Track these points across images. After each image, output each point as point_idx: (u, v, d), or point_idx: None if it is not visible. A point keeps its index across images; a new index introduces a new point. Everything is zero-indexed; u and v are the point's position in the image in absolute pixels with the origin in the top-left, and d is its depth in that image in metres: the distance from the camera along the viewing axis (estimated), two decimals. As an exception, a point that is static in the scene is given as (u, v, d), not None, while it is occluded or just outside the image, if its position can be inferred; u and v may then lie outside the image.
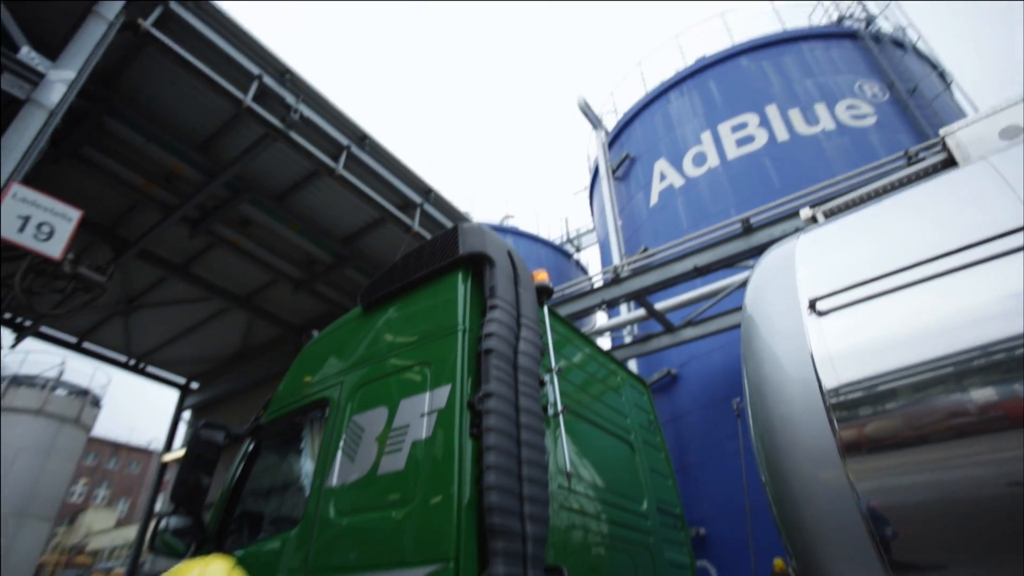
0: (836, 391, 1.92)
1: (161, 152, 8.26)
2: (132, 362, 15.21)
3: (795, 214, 7.14)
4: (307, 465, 3.29)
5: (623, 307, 10.91)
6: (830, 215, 2.95)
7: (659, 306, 9.71)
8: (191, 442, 3.34)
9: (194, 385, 16.51)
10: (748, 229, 7.71)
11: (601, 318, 11.94)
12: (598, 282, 10.08)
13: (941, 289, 1.86)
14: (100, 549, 35.75)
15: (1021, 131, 2.52)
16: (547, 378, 3.13)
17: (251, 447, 3.65)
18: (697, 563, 8.69)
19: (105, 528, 38.56)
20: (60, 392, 26.07)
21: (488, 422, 2.55)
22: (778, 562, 2.32)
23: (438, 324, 2.97)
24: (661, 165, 12.60)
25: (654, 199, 12.61)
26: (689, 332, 9.64)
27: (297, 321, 13.40)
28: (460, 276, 3.03)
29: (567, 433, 3.12)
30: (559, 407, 3.05)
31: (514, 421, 2.66)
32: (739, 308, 8.38)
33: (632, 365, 12.40)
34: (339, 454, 2.95)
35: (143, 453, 49.18)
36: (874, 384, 1.87)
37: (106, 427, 43.58)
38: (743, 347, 2.38)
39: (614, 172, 14.55)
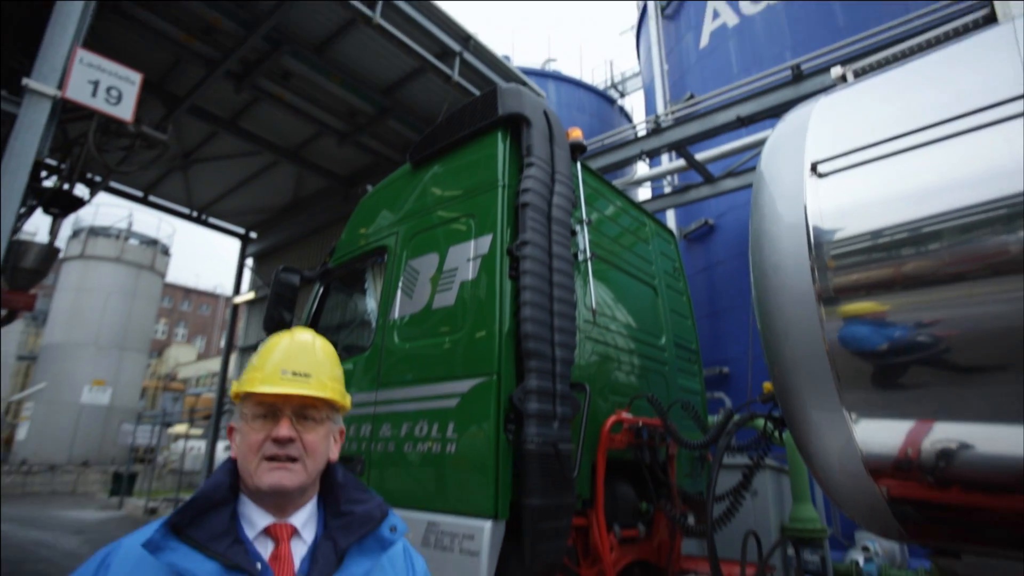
0: (819, 246, 2.24)
1: (196, 3, 8.21)
2: (195, 214, 16.20)
3: (851, 59, 6.80)
4: (371, 302, 3.88)
5: (664, 157, 10.83)
6: (860, 75, 3.00)
7: (700, 156, 9.65)
8: (273, 284, 3.95)
9: (253, 235, 17.61)
10: (798, 76, 7.40)
11: (641, 168, 11.91)
12: (641, 130, 9.98)
13: (929, 155, 2.06)
14: (188, 378, 40.68)
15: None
16: (578, 228, 3.51)
17: (321, 288, 4.26)
18: (715, 394, 9.60)
19: (188, 361, 43.55)
20: (132, 242, 28.14)
21: (524, 266, 2.99)
22: (767, 385, 2.78)
23: (480, 180, 3.31)
24: (715, 2, 11.65)
25: (704, 40, 11.85)
26: (729, 183, 9.66)
27: (344, 172, 13.84)
28: (499, 136, 3.30)
29: (594, 277, 3.56)
30: (588, 254, 3.46)
31: (547, 265, 3.10)
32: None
33: (670, 215, 12.58)
34: (399, 293, 3.49)
35: (211, 297, 53.56)
36: (849, 243, 2.17)
37: (176, 274, 47.34)
38: (752, 203, 2.66)
39: (663, 10, 13.53)
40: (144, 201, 15.16)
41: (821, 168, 2.34)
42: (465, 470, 2.78)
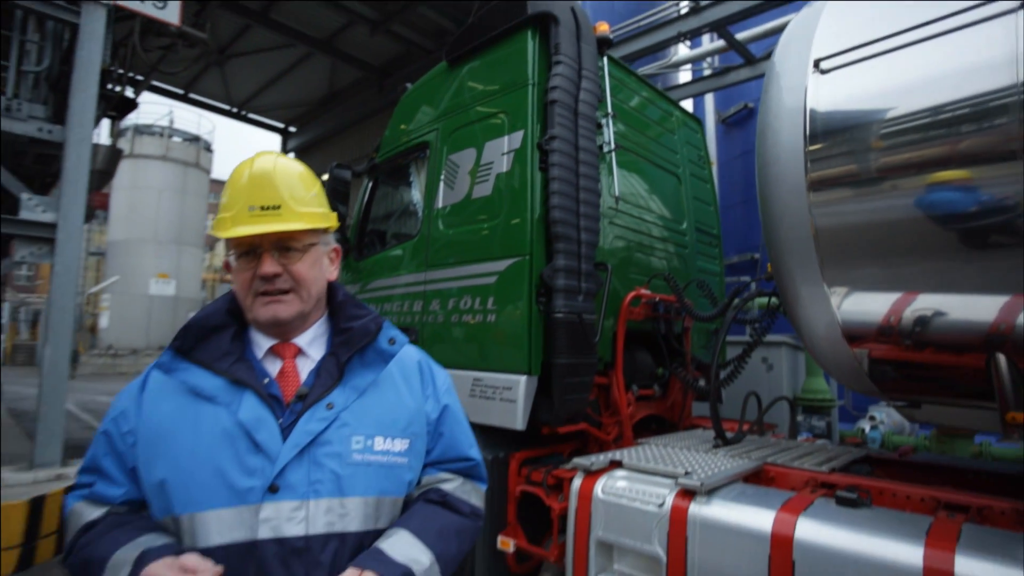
0: (813, 138, 2.48)
1: None
2: (235, 110, 16.49)
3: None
4: (416, 194, 4.29)
5: (704, 38, 10.37)
6: None
7: (740, 36, 9.25)
8: (328, 179, 4.38)
9: (292, 129, 17.89)
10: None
11: (681, 50, 11.44)
12: (683, 7, 9.55)
13: (920, 53, 2.24)
14: (241, 270, 42.94)
15: None
16: (603, 121, 3.76)
17: (370, 182, 4.67)
18: (742, 278, 9.91)
19: (241, 254, 45.75)
20: (176, 139, 28.75)
21: (552, 159, 3.32)
22: (769, 266, 3.12)
23: (511, 79, 3.56)
24: None
25: (754, -100, 10.81)
26: None
27: (377, 63, 13.77)
28: (528, 35, 3.49)
29: (619, 167, 3.86)
30: (612, 146, 3.74)
31: (574, 158, 3.42)
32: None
33: (708, 99, 12.22)
34: (441, 185, 3.88)
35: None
36: (838, 135, 2.42)
37: (218, 171, 48.35)
38: (761, 97, 2.86)
39: None
40: (185, 98, 15.51)
41: (823, 65, 2.54)
42: (503, 336, 3.31)
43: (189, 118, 44.82)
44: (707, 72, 11.31)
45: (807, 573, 2.17)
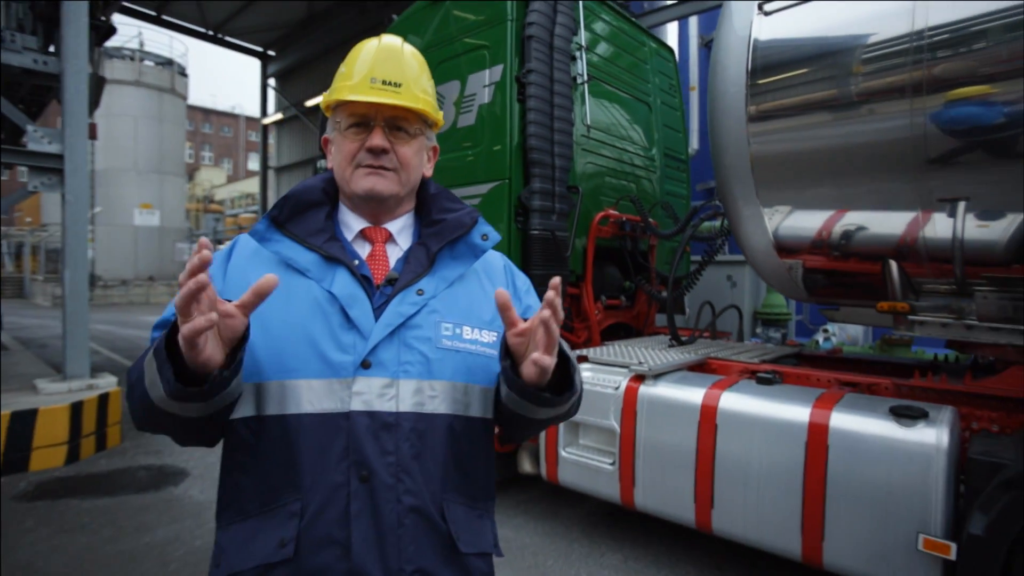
0: (754, 74, 2.85)
1: None
2: (210, 33, 16.02)
3: None
4: (404, 124, 4.60)
5: (688, -42, 10.22)
6: None
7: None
8: (322, 118, 4.64)
9: (271, 53, 17.45)
10: None
11: (666, -31, 11.24)
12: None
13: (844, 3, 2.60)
14: (223, 199, 42.41)
15: None
16: (577, 54, 4.06)
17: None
18: (715, 201, 10.32)
19: (220, 183, 44.95)
20: (148, 63, 27.71)
21: (529, 91, 3.65)
22: (717, 188, 3.55)
23: (491, 14, 3.82)
24: None
25: None
26: None
27: (355, -16, 13.39)
28: (511, -27, 3.73)
29: (591, 97, 4.19)
30: (585, 77, 4.06)
31: (548, 90, 3.75)
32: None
33: (693, 22, 12.16)
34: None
35: (231, 117, 52.99)
36: (774, 71, 2.79)
37: (192, 97, 46.62)
38: (714, 37, 3.19)
39: None
40: (158, 20, 15.03)
41: (767, 7, 2.87)
42: (486, 252, 3.75)
43: (160, 40, 42.73)
44: (693, -8, 11.25)
45: (726, 433, 2.75)
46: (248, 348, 0.90)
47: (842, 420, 2.44)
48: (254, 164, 54.00)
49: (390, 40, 1.09)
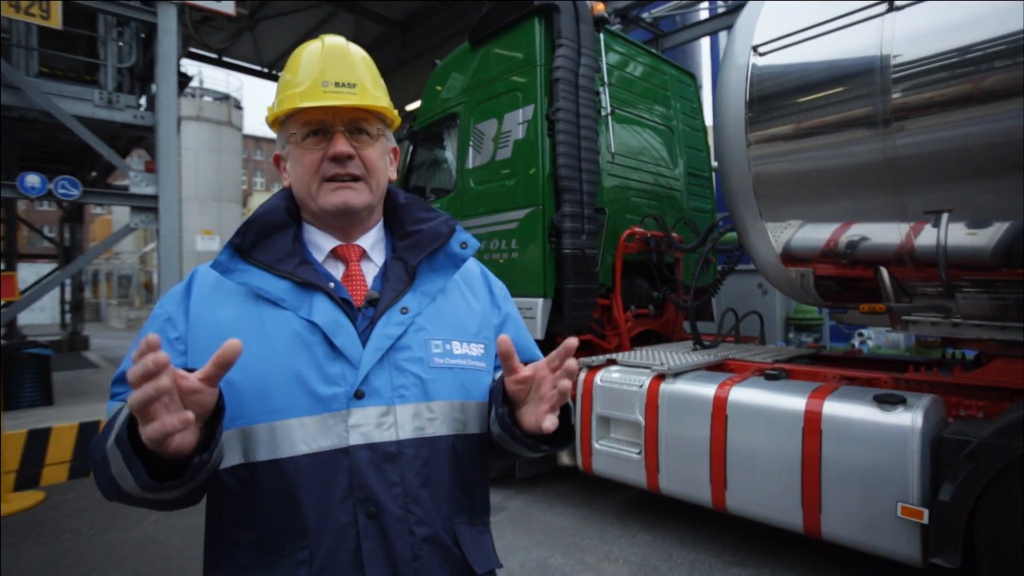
0: (751, 105, 3.27)
1: None
2: (266, 70, 17.22)
3: None
4: (450, 156, 5.16)
5: (715, -23, 10.60)
6: None
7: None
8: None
9: (321, 86, 18.53)
10: None
11: (694, -12, 11.63)
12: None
13: (824, 43, 2.99)
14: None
15: None
16: (601, 89, 4.54)
17: (411, 147, 5.55)
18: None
19: (275, 208, 47.20)
20: (207, 99, 29.66)
21: (558, 127, 4.16)
22: (728, 206, 3.92)
23: (523, 60, 4.35)
24: None
25: None
26: None
27: (399, 18, 14.26)
28: (535, 23, 4.25)
29: (616, 126, 4.66)
30: (609, 110, 4.53)
31: (576, 124, 4.24)
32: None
33: (722, 36, 12.47)
34: (470, 149, 4.75)
35: (282, 145, 55.53)
36: (767, 105, 3.20)
37: (250, 127, 49.38)
38: (719, 72, 3.62)
39: None
40: (220, 63, 16.28)
41: (761, 49, 3.29)
42: (524, 269, 4.26)
43: (218, 76, 45.47)
44: (721, 10, 11.60)
45: (735, 423, 3.15)
46: (229, 391, 0.84)
47: (833, 408, 2.81)
48: (303, 188, 56.41)
49: (334, 40, 1.03)
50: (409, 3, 13.31)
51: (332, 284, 0.97)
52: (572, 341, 0.82)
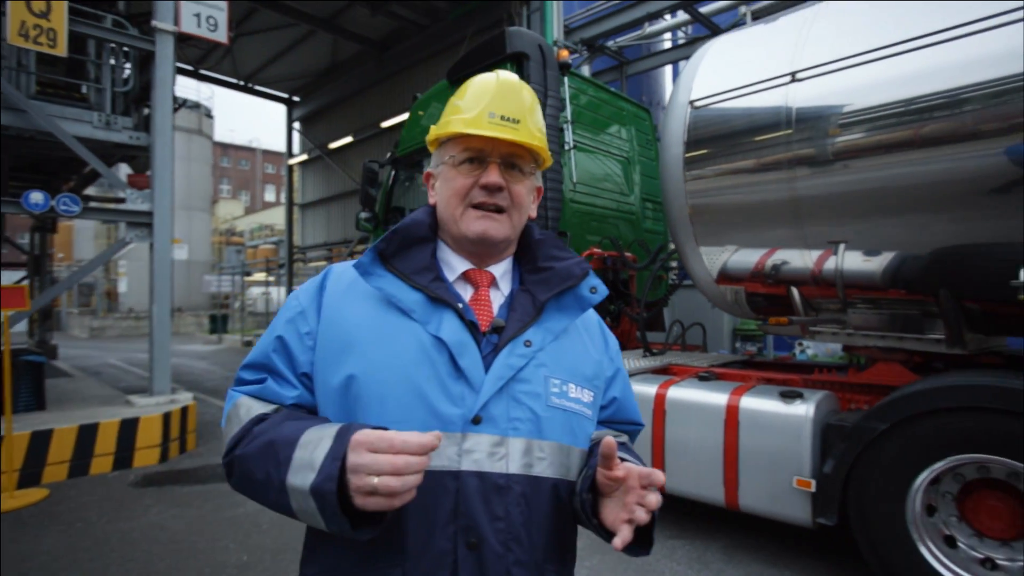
0: (688, 147, 3.91)
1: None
2: (242, 83, 17.50)
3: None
4: (428, 181, 5.70)
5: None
6: (756, 17, 4.32)
7: (705, 10, 10.40)
8: (363, 171, 5.78)
9: (296, 99, 18.89)
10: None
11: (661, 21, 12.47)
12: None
13: (747, 100, 3.65)
14: (242, 231, 44.13)
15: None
16: (564, 126, 5.15)
17: (392, 171, 6.07)
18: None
19: (239, 215, 46.80)
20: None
21: (526, 161, 4.74)
22: (669, 233, 4.55)
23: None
24: None
25: None
26: (758, 4, 10.38)
27: (376, 37, 14.77)
28: (508, 67, 4.85)
29: (577, 158, 5.28)
30: (571, 144, 5.15)
31: (541, 158, 4.83)
32: (782, 9, 9.12)
33: (682, 65, 13.36)
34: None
35: (248, 151, 54.88)
36: (703, 149, 3.85)
37: (220, 134, 48.90)
38: (663, 120, 4.27)
39: None
40: (196, 75, 16.50)
41: (696, 104, 3.94)
42: (495, 285, 4.80)
43: (189, 84, 45.09)
44: (682, 41, 12.48)
45: (673, 416, 3.75)
46: (346, 389, 0.89)
47: (748, 402, 3.43)
48: (270, 195, 55.93)
49: (508, 76, 1.06)
50: (385, 24, 13.84)
51: (461, 304, 0.97)
52: (659, 478, 0.83)
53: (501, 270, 1.07)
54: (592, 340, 1.11)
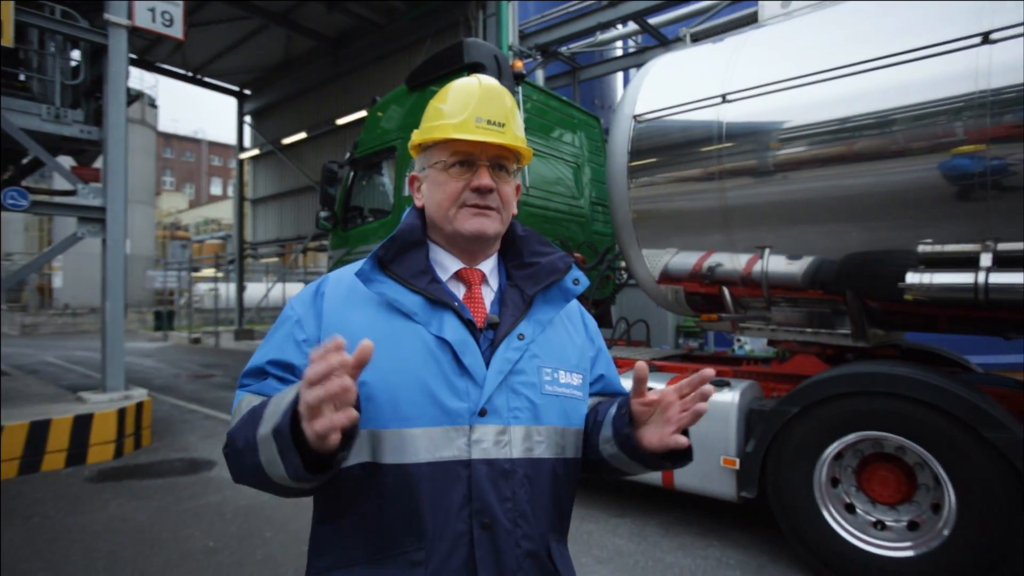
0: (632, 155, 4.26)
1: None
2: (190, 74, 17.06)
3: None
4: (388, 182, 5.88)
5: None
6: (696, 39, 4.72)
7: (655, 21, 10.90)
8: (323, 171, 5.91)
9: (247, 92, 18.53)
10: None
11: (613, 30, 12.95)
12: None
13: (684, 116, 4.02)
14: (187, 225, 42.68)
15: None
16: (519, 134, 5.44)
17: (351, 172, 6.21)
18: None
19: (182, 209, 45.21)
20: (118, 94, 28.42)
21: (482, 166, 5.00)
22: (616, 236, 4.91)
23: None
24: None
25: None
26: (697, 28, 10.94)
27: (331, 34, 14.69)
28: (464, 75, 5.08)
29: (530, 164, 5.56)
30: (525, 151, 5.44)
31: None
32: (726, 23, 9.69)
33: (633, 71, 13.89)
34: (406, 180, 5.50)
35: (193, 143, 52.96)
36: (645, 157, 4.20)
37: (165, 124, 47.00)
38: (609, 133, 4.61)
39: None
40: (141, 64, 16.00)
41: (639, 118, 4.30)
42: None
43: (132, 72, 43.11)
44: (632, 49, 12.98)
45: (616, 404, 4.08)
46: (361, 392, 0.91)
47: (682, 390, 3.80)
48: (216, 189, 54.18)
49: (490, 81, 1.11)
50: (341, 22, 13.80)
51: (457, 304, 1.03)
52: (708, 372, 0.92)
53: (489, 267, 1.13)
54: (574, 326, 1.18)
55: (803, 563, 3.40)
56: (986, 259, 2.95)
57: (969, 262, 3.02)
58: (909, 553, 3.00)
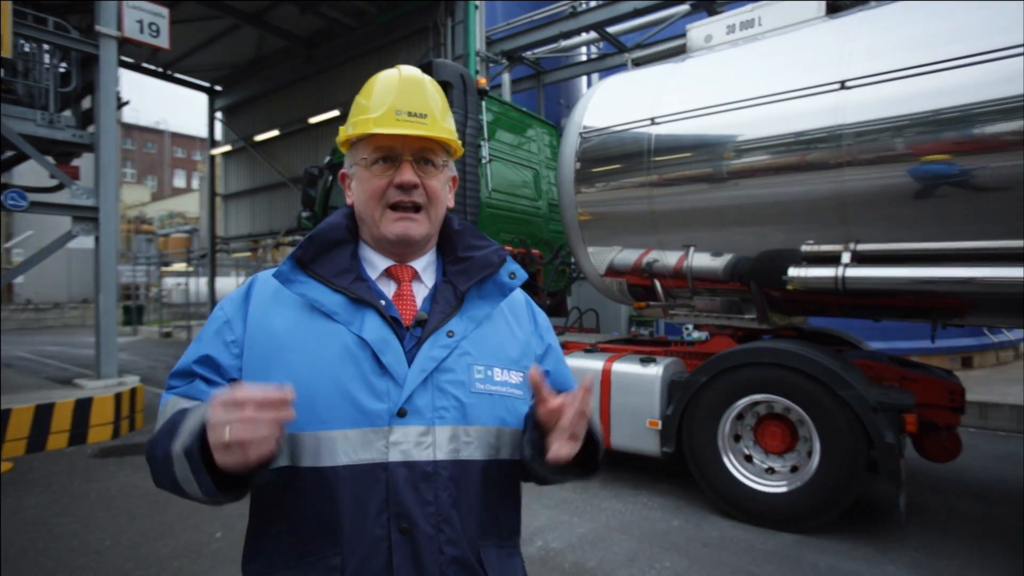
0: (579, 164, 4.97)
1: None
2: (160, 70, 17.18)
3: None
4: (363, 185, 6.47)
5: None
6: (637, 64, 5.43)
7: (614, 30, 11.65)
8: (304, 175, 6.47)
9: (218, 88, 18.69)
10: (674, -19, 9.31)
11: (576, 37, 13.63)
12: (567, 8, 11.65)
13: (624, 133, 4.74)
14: (151, 218, 42.00)
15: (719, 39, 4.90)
16: (482, 143, 6.10)
17: (331, 176, 6.78)
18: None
19: (145, 201, 44.44)
20: (81, 86, 27.98)
21: (450, 173, 5.64)
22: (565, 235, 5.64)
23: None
24: None
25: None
26: (639, 53, 11.73)
27: (303, 34, 15.05)
28: (434, 94, 5.72)
29: (494, 169, 6.24)
30: (487, 159, 6.11)
31: (463, 172, 5.76)
32: (682, 34, 10.47)
33: (595, 77, 14.65)
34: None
35: (155, 133, 51.73)
36: (589, 167, 4.92)
37: (131, 117, 45.83)
38: (560, 146, 5.31)
39: None
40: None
41: (584, 134, 5.01)
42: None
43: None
44: (595, 55, 13.72)
45: (564, 379, 4.81)
46: None
47: (618, 367, 4.55)
48: (180, 181, 53.21)
49: (411, 71, 1.07)
50: (313, 23, 14.19)
51: (383, 302, 1.00)
52: (587, 380, 0.90)
53: (424, 263, 1.10)
54: (518, 321, 1.13)
55: (711, 503, 4.18)
56: (846, 257, 3.75)
57: (835, 259, 3.81)
58: (783, 489, 3.81)
